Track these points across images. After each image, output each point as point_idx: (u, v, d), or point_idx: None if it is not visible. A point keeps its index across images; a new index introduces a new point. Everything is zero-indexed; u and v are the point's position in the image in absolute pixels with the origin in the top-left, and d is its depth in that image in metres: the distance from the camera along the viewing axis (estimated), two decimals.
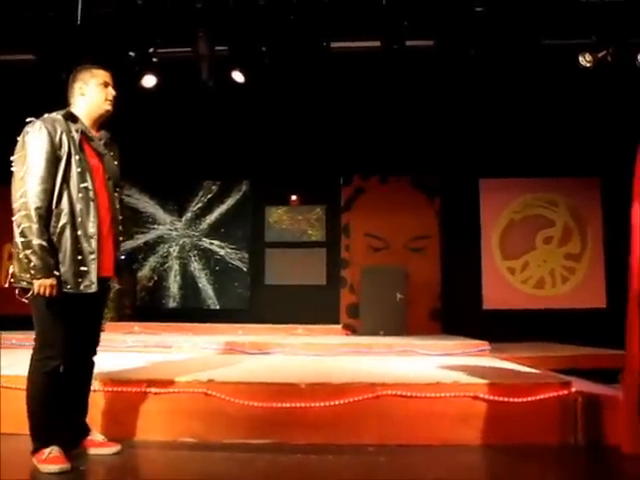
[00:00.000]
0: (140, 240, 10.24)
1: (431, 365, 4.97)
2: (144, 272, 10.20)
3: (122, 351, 5.88)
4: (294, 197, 10.26)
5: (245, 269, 10.23)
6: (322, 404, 3.69)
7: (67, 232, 3.12)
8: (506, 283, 9.75)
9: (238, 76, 8.58)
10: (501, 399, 3.72)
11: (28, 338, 6.02)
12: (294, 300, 9.59)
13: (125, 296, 9.02)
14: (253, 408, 3.71)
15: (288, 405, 3.70)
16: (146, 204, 10.33)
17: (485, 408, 3.72)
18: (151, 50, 8.39)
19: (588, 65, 7.60)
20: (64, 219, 3.12)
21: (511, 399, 3.71)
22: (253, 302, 10.06)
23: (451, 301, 9.57)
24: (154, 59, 8.44)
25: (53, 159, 3.12)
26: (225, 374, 4.23)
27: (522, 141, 9.29)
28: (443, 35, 7.94)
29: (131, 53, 8.38)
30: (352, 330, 8.92)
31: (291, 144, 9.67)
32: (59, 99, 3.69)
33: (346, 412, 3.69)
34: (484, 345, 6.11)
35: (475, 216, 9.85)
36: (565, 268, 9.74)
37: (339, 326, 8.65)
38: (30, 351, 3.25)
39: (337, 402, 3.68)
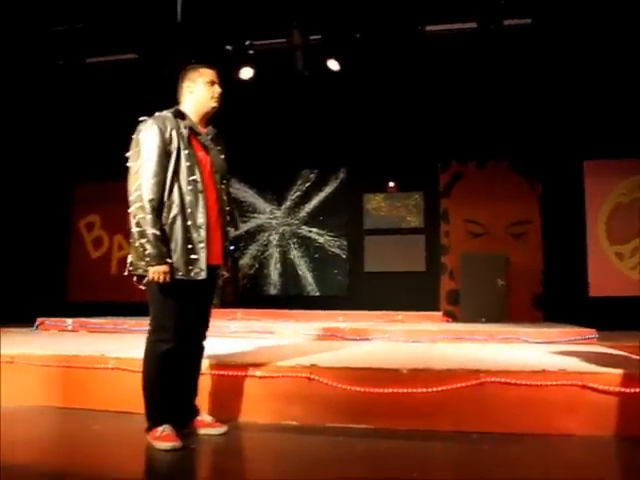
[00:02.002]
0: (241, 229, 10.51)
1: (536, 353, 4.83)
2: (245, 260, 10.47)
3: (227, 337, 6.03)
4: (392, 184, 10.21)
5: (344, 256, 10.29)
6: (424, 390, 3.65)
7: (178, 222, 3.26)
8: (614, 269, 9.33)
9: (333, 64, 8.61)
10: (611, 389, 3.56)
11: (140, 324, 6.36)
12: (393, 287, 9.57)
13: (227, 284, 9.27)
14: (354, 393, 3.72)
15: (389, 391, 3.68)
16: (246, 194, 10.59)
17: (593, 398, 3.57)
18: (247, 43, 8.56)
19: None
20: (175, 210, 3.27)
21: (622, 389, 3.54)
22: (352, 289, 10.11)
23: (554, 288, 9.27)
24: (250, 52, 8.60)
25: (164, 154, 3.28)
26: (327, 359, 4.26)
27: (628, 120, 8.82)
28: (541, 12, 7.65)
29: (228, 47, 8.58)
30: (452, 317, 8.82)
31: (388, 131, 9.63)
32: (164, 94, 3.83)
33: (448, 399, 3.64)
34: (591, 333, 5.87)
35: (579, 200, 9.46)
36: None
37: (439, 313, 8.58)
38: (141, 336, 3.41)
39: (439, 388, 3.63)
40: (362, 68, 8.78)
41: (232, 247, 3.78)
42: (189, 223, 3.28)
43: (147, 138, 3.28)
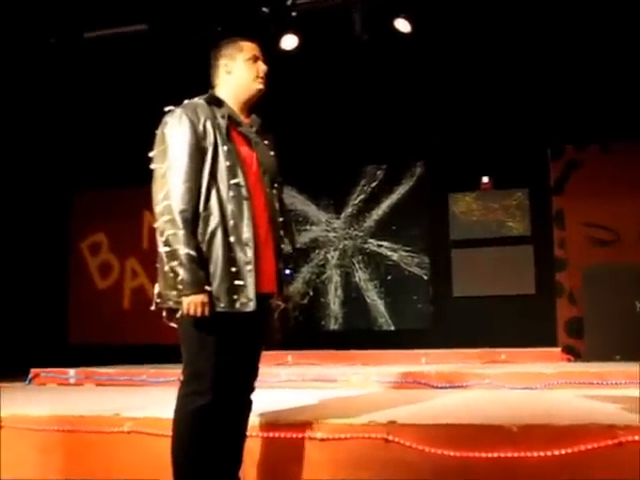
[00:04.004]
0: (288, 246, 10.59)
1: None
2: (296, 286, 10.51)
3: (275, 387, 6.09)
4: (486, 179, 10.17)
5: (425, 277, 10.28)
6: (542, 454, 3.59)
7: (217, 239, 3.28)
8: None
9: (402, 25, 8.61)
10: None
11: (162, 373, 6.45)
12: (493, 316, 9.52)
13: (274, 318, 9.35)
14: (447, 459, 3.68)
15: (494, 455, 3.63)
16: (294, 199, 10.63)
17: None
18: (289, 2, 8.63)
19: None
20: (213, 223, 3.29)
21: None
22: (438, 320, 10.08)
23: None
24: (293, 14, 8.67)
25: (197, 152, 3.31)
26: (409, 414, 4.26)
27: None
28: None
29: (264, 9, 8.67)
30: (575, 354, 8.71)
31: (477, 109, 9.58)
32: (185, 76, 3.89)
33: (576, 464, 3.57)
34: None
35: None
36: None
37: (557, 349, 8.56)
38: (164, 389, 3.44)
39: (563, 451, 3.57)
40: (440, 28, 8.76)
41: (288, 270, 3.78)
42: (232, 239, 3.29)
43: (175, 133, 3.32)
